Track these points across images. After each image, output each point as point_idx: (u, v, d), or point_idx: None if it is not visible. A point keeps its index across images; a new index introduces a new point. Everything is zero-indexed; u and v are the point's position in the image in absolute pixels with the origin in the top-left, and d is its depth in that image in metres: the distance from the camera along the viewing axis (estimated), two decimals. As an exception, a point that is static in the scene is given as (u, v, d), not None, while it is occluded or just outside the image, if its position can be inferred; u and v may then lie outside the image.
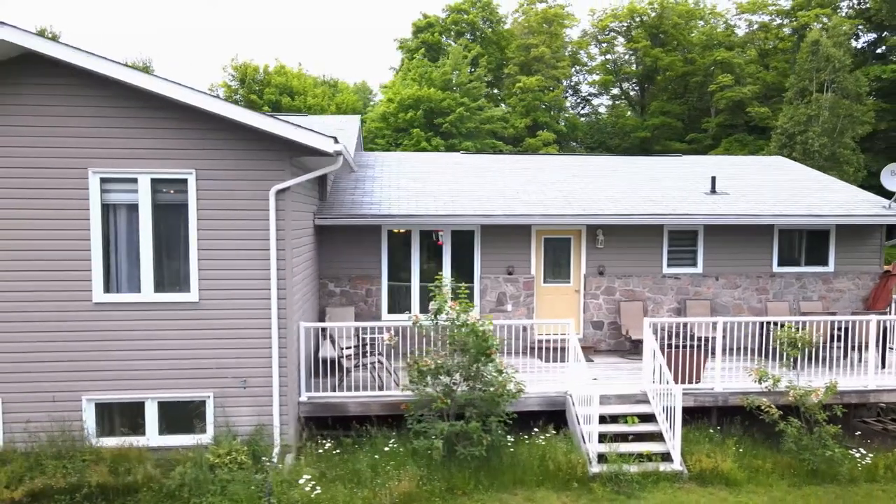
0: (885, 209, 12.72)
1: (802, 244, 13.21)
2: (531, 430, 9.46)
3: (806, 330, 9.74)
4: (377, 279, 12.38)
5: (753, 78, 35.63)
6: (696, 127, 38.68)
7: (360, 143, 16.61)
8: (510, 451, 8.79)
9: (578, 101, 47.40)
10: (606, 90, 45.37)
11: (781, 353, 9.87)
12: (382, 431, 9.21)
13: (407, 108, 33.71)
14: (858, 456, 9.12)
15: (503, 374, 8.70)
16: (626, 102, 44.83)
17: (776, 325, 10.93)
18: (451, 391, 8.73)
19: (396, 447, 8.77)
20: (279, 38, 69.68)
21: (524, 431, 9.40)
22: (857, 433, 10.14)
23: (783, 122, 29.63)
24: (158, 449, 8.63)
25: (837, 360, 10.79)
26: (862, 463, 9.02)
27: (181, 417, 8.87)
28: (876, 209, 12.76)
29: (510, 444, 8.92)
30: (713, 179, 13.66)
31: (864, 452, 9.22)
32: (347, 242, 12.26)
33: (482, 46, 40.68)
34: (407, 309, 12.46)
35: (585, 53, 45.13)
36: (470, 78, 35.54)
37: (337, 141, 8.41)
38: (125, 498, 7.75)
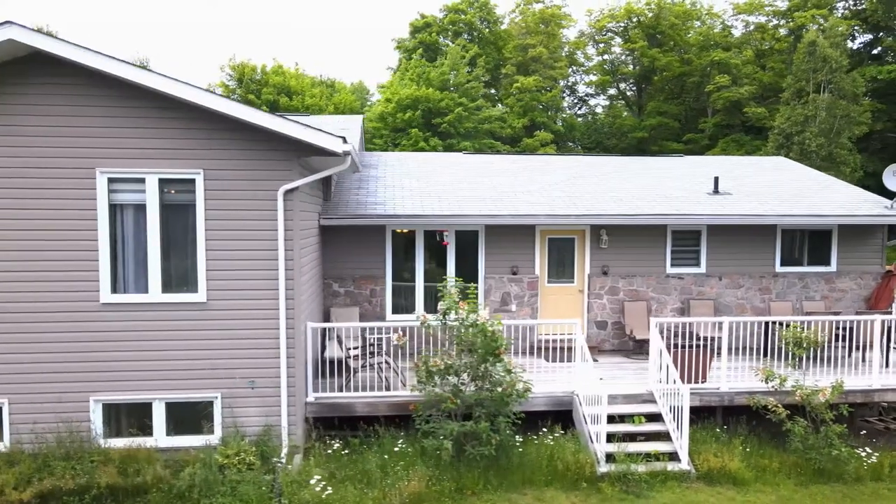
0: (886, 209, 12.78)
1: (805, 244, 13.26)
2: (538, 429, 9.46)
3: (811, 330, 9.77)
4: (381, 279, 12.37)
5: (750, 78, 35.75)
6: (693, 127, 38.77)
7: (362, 142, 16.58)
8: (519, 450, 8.79)
9: (575, 101, 47.48)
10: (603, 90, 45.45)
11: (787, 352, 9.90)
12: (390, 432, 9.21)
13: (405, 108, 33.67)
14: (864, 455, 9.16)
15: (512, 373, 8.70)
16: (623, 103, 44.91)
17: (780, 324, 10.98)
18: (459, 391, 8.74)
19: (405, 447, 8.76)
20: (276, 37, 69.62)
21: (531, 431, 9.40)
22: (862, 432, 10.19)
23: (780, 122, 29.73)
24: (166, 450, 8.60)
25: (840, 359, 10.85)
26: (867, 462, 9.06)
27: (189, 418, 8.85)
28: (878, 209, 12.82)
29: (518, 444, 8.94)
30: (716, 180, 13.69)
31: (869, 452, 9.27)
32: (352, 243, 12.24)
33: (479, 47, 40.67)
34: (411, 309, 12.45)
35: (582, 54, 45.21)
36: (468, 78, 35.52)
37: (346, 141, 8.41)
38: (135, 499, 7.72)
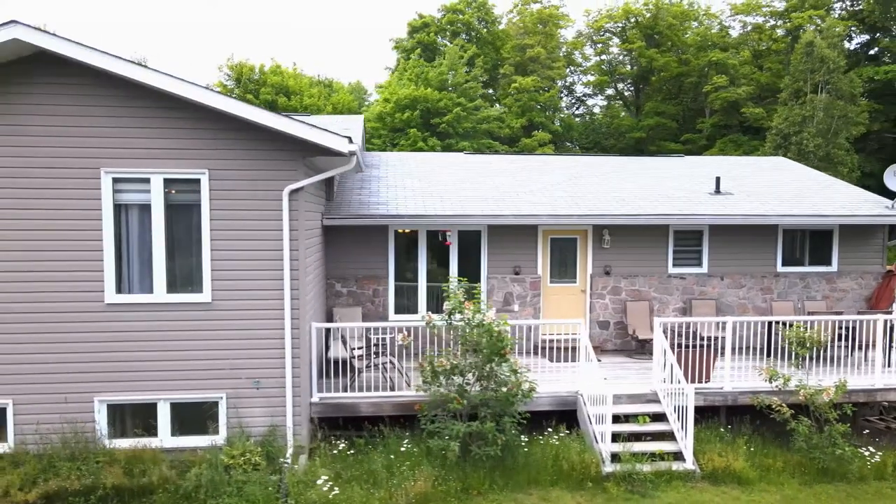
0: (887, 209, 12.82)
1: (806, 244, 13.30)
2: (542, 429, 9.48)
3: (814, 329, 9.80)
4: (384, 279, 12.36)
5: (748, 79, 35.80)
6: (690, 127, 38.82)
7: (363, 143, 16.57)
8: (524, 450, 8.81)
9: (573, 101, 47.51)
10: (601, 91, 45.48)
11: (790, 352, 9.93)
12: (395, 432, 9.21)
13: (404, 108, 33.64)
14: (867, 455, 9.20)
15: (517, 373, 8.70)
16: (620, 103, 44.96)
17: (783, 324, 11.01)
18: (464, 391, 8.74)
19: (410, 447, 8.76)
20: (273, 37, 69.48)
21: (536, 431, 9.42)
22: (865, 432, 10.23)
23: (778, 122, 29.79)
24: (171, 450, 8.59)
25: (841, 359, 10.88)
26: (871, 461, 9.09)
27: (194, 418, 8.83)
28: (879, 209, 12.86)
29: (524, 444, 8.94)
30: (717, 180, 13.72)
31: (872, 451, 9.30)
32: (354, 243, 12.23)
33: (478, 47, 40.67)
34: (414, 309, 12.44)
35: (580, 54, 45.23)
36: (466, 78, 35.51)
37: (352, 141, 8.40)
38: (140, 500, 7.71)
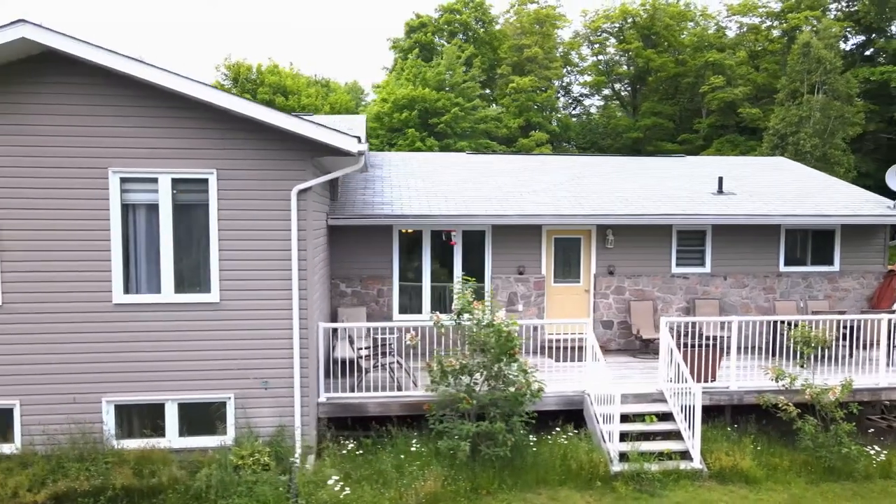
0: (889, 209, 12.89)
1: (808, 244, 13.35)
2: (548, 429, 9.49)
3: (820, 329, 9.85)
4: (388, 279, 12.36)
5: (744, 79, 35.90)
6: (687, 128, 38.91)
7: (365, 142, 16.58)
8: (532, 450, 8.82)
9: (570, 101, 47.58)
10: (598, 91, 45.56)
11: (795, 351, 9.98)
12: (403, 432, 9.21)
13: (402, 108, 33.61)
14: (873, 453, 9.25)
15: (527, 373, 8.71)
16: (617, 103, 45.05)
17: (789, 324, 11.06)
18: (472, 391, 8.75)
19: (419, 447, 8.76)
20: (269, 37, 69.28)
21: (542, 431, 9.43)
22: (870, 431, 10.28)
23: (775, 123, 29.88)
24: (178, 451, 8.56)
25: (844, 358, 10.93)
26: (876, 460, 9.14)
27: (201, 419, 8.80)
28: (880, 209, 12.94)
29: (532, 443, 8.96)
30: (720, 180, 13.76)
31: (878, 450, 9.35)
32: (359, 243, 12.22)
33: (475, 47, 40.67)
34: (418, 309, 12.45)
35: (576, 54, 45.29)
36: (464, 78, 35.51)
37: (360, 141, 8.41)
38: (150, 500, 7.68)
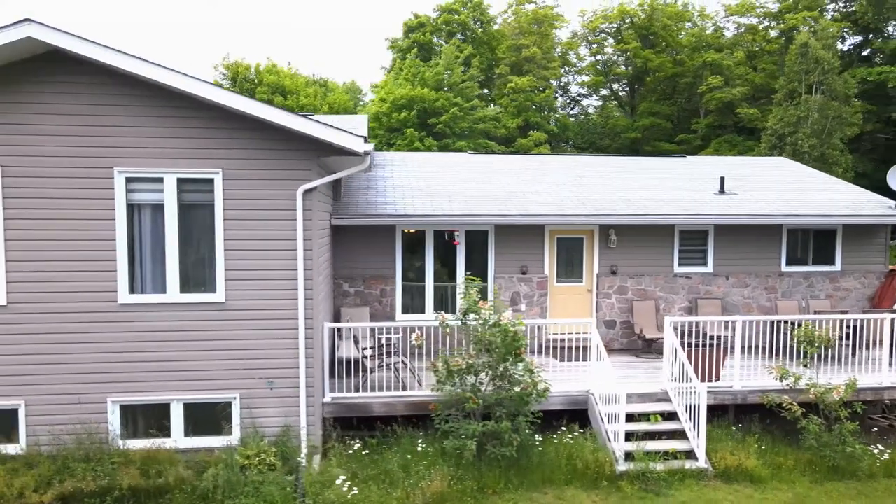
0: (890, 209, 12.94)
1: (809, 244, 13.39)
2: (552, 428, 9.50)
3: (824, 328, 9.88)
4: (391, 279, 12.35)
5: (742, 79, 35.98)
6: (685, 128, 38.99)
7: (366, 142, 16.57)
8: (538, 450, 8.83)
9: (568, 101, 47.62)
10: (596, 91, 45.61)
11: (798, 350, 10.00)
12: (408, 432, 9.21)
13: (400, 108, 33.60)
14: (876, 452, 9.28)
15: (533, 373, 8.72)
16: (615, 103, 45.11)
17: (792, 324, 11.09)
18: (477, 391, 8.75)
19: (425, 447, 8.77)
20: (266, 37, 69.21)
21: (547, 430, 9.43)
22: (873, 430, 10.32)
23: (773, 123, 29.95)
24: (184, 451, 8.54)
25: (847, 357, 10.97)
26: (880, 459, 9.18)
27: (207, 419, 8.79)
28: (882, 209, 12.98)
29: (538, 443, 8.97)
30: (722, 180, 13.78)
31: (881, 449, 9.39)
32: (362, 243, 12.21)
33: (473, 47, 40.67)
34: (421, 309, 12.44)
35: (575, 54, 45.34)
36: (463, 78, 35.52)
37: (367, 140, 8.40)
38: (157, 500, 7.68)
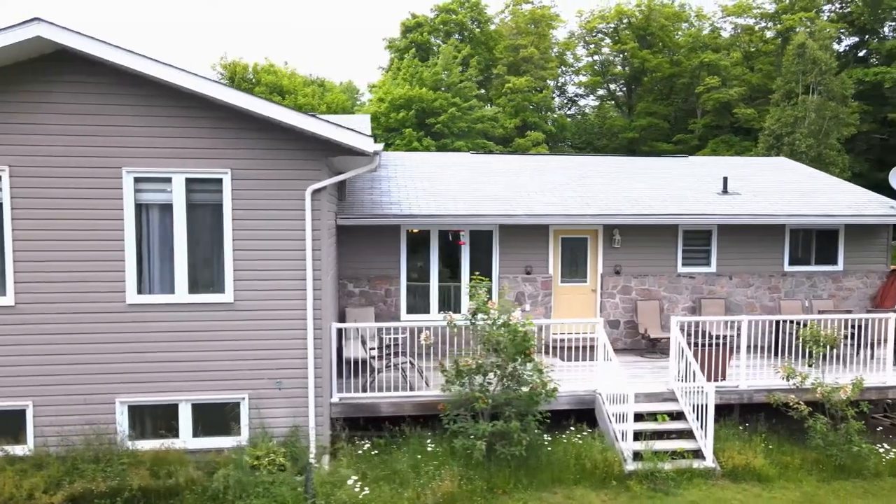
0: (892, 209, 13.00)
1: (812, 244, 13.44)
2: (560, 428, 9.51)
3: (829, 328, 9.93)
4: (396, 279, 12.34)
5: (739, 80, 36.12)
6: (682, 128, 39.12)
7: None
8: (547, 450, 8.84)
9: (565, 101, 47.69)
10: (593, 91, 45.69)
11: (802, 350, 10.06)
12: (417, 432, 9.21)
13: (398, 108, 33.61)
14: (882, 451, 9.33)
15: (542, 373, 8.73)
16: (612, 103, 45.20)
17: (797, 323, 11.14)
18: (486, 390, 8.76)
19: (435, 447, 8.77)
20: (262, 37, 69.07)
21: (555, 430, 9.44)
22: (878, 429, 10.37)
23: (770, 123, 30.08)
24: (192, 451, 8.50)
25: (850, 357, 11.01)
26: (885, 458, 9.23)
27: (215, 419, 8.76)
28: (884, 209, 13.05)
29: (546, 443, 8.98)
30: (725, 180, 13.82)
31: (887, 448, 9.44)
32: (366, 242, 12.19)
33: (471, 47, 40.70)
34: (426, 309, 12.45)
35: (572, 55, 45.41)
36: (461, 78, 35.53)
37: (376, 141, 8.39)
38: (167, 501, 7.65)
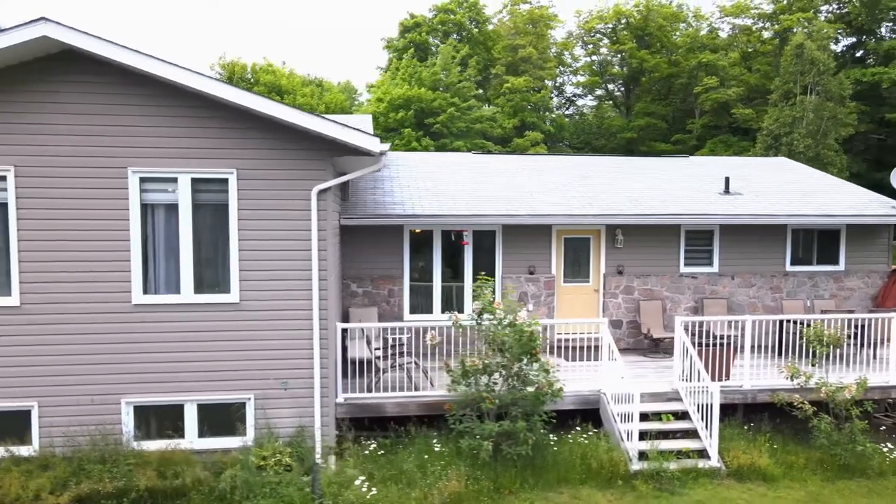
0: (893, 209, 13.05)
1: (813, 244, 13.48)
2: (565, 428, 9.51)
3: (833, 328, 9.96)
4: (399, 279, 12.34)
5: (737, 80, 36.20)
6: (680, 128, 39.17)
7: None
8: (553, 450, 8.85)
9: (563, 101, 47.74)
10: (591, 91, 45.74)
11: (805, 349, 10.10)
12: (423, 432, 9.21)
13: (397, 107, 33.61)
14: (886, 450, 9.36)
15: (548, 373, 8.74)
16: (611, 103, 45.26)
17: (799, 323, 11.17)
18: (492, 390, 8.77)
19: (441, 448, 8.77)
20: (260, 37, 68.98)
21: (562, 430, 9.45)
22: (881, 428, 10.40)
23: (768, 123, 30.15)
24: (198, 452, 8.49)
25: (853, 356, 11.04)
26: (889, 457, 9.26)
27: (221, 420, 8.75)
28: (885, 209, 13.09)
29: (552, 443, 8.99)
30: (727, 180, 13.85)
31: (890, 447, 9.47)
32: (370, 243, 12.18)
33: (469, 47, 40.72)
34: (429, 309, 12.44)
35: (570, 55, 45.46)
36: (459, 78, 35.55)
37: (382, 141, 8.39)
38: (174, 501, 7.65)
